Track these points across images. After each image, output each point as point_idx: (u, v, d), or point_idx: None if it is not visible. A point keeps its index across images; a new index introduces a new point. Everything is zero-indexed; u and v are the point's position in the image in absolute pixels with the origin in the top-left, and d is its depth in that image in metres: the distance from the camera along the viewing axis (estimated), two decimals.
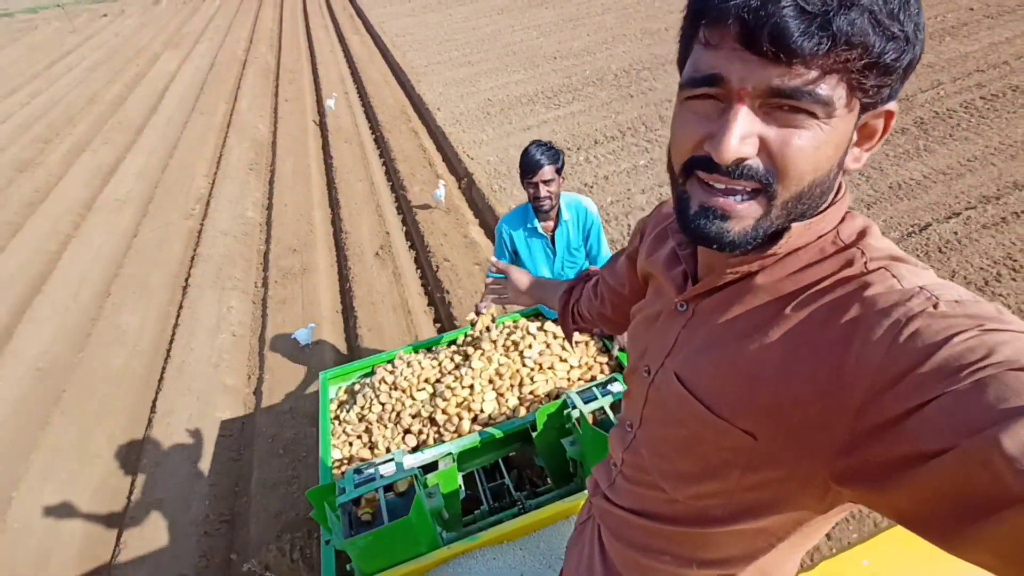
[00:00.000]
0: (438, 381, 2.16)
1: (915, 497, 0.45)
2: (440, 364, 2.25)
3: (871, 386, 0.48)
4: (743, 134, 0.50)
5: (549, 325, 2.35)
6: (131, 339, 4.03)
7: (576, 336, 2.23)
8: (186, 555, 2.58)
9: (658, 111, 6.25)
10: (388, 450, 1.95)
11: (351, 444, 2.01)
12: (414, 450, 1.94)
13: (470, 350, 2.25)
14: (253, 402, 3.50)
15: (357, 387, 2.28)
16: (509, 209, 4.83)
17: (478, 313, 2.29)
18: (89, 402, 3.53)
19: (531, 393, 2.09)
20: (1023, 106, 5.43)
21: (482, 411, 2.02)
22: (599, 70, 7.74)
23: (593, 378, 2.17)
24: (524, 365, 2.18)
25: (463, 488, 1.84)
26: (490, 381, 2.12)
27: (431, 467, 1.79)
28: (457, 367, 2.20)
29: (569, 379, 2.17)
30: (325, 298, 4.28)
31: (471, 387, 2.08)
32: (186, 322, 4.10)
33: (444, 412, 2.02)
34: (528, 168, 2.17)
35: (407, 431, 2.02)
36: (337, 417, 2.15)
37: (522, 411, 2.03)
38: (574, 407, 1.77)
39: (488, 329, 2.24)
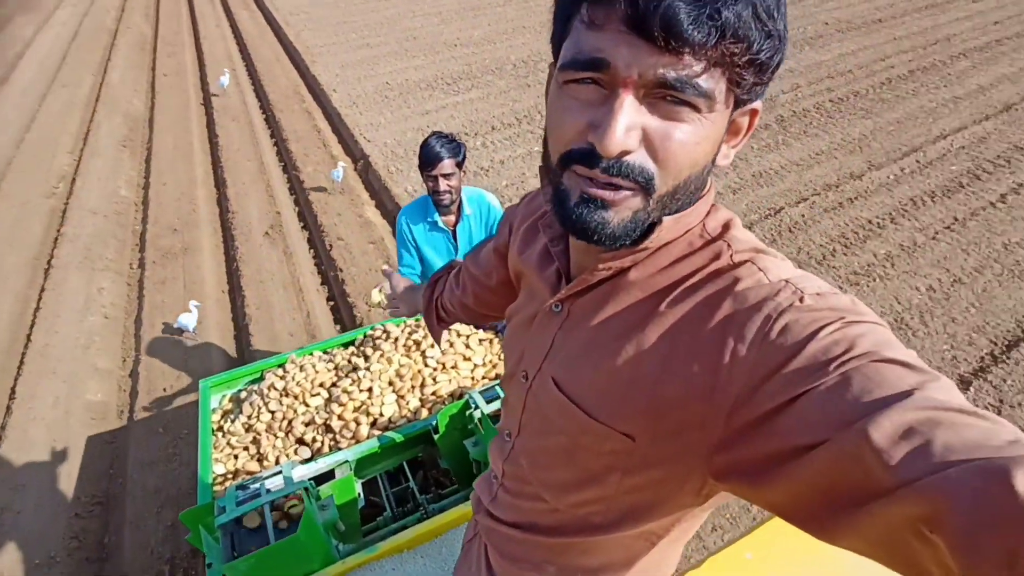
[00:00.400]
0: (334, 385, 2.06)
1: (789, 491, 0.45)
2: (336, 367, 2.14)
3: (746, 383, 0.48)
4: (628, 125, 0.48)
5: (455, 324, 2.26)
6: None
7: (480, 334, 2.24)
8: (55, 538, 2.43)
9: None
10: (278, 461, 1.83)
11: (236, 457, 1.87)
12: (308, 460, 1.82)
13: (369, 351, 2.15)
14: (129, 384, 3.31)
15: (243, 395, 2.12)
16: (406, 192, 4.88)
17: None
18: None
19: (433, 394, 2.01)
20: (862, 109, 6.22)
21: (381, 415, 1.94)
22: (498, 59, 7.90)
23: (497, 376, 2.12)
24: (426, 365, 2.10)
25: (362, 496, 1.74)
26: (390, 383, 2.03)
27: (327, 476, 1.68)
28: (355, 369, 2.09)
29: (473, 378, 2.10)
30: (210, 278, 4.10)
31: (369, 390, 1.99)
32: (49, 304, 3.79)
33: (340, 418, 1.92)
34: (427, 160, 2.08)
35: (300, 440, 1.90)
36: (220, 428, 2.00)
37: (424, 413, 1.97)
38: (476, 407, 1.72)
39: (387, 296, 2.11)
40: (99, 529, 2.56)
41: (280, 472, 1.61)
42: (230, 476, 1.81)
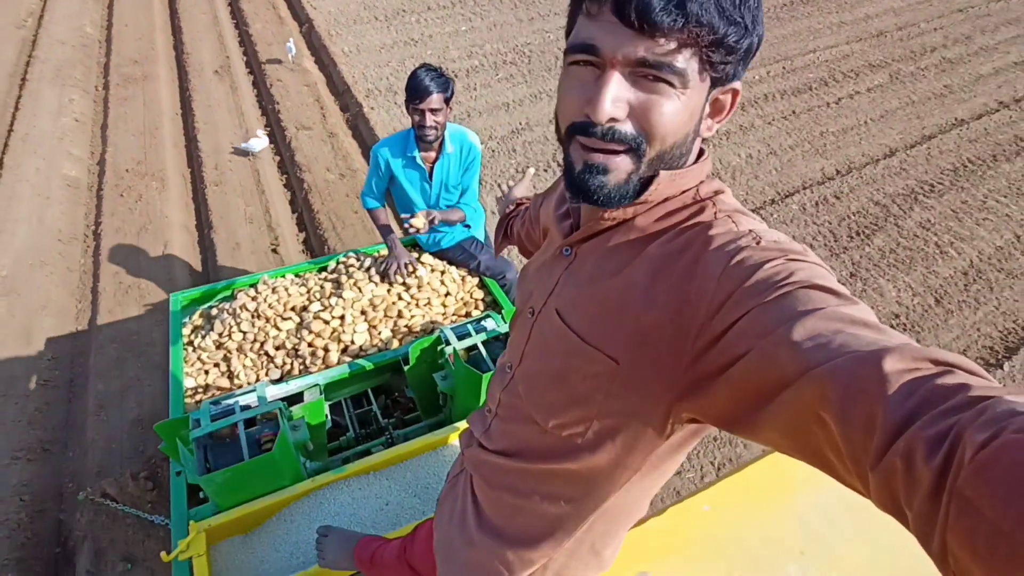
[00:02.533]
0: (304, 309, 2.09)
1: (729, 396, 0.55)
2: (308, 291, 2.17)
3: (708, 310, 0.57)
4: (614, 97, 0.58)
5: (427, 257, 2.33)
6: None
7: (454, 272, 2.34)
8: (47, 245, 3.35)
9: None
10: (249, 382, 1.89)
11: (207, 372, 1.91)
12: (278, 381, 1.88)
13: (343, 278, 2.19)
14: (97, 169, 4.16)
15: (215, 312, 2.15)
16: (342, 51, 5.61)
17: (414, 216, 2.13)
18: None
19: (406, 326, 2.07)
20: None
21: (352, 342, 1.98)
22: None
23: (468, 314, 2.18)
24: (400, 298, 2.14)
25: (329, 417, 1.81)
26: (362, 312, 2.08)
27: (296, 398, 1.73)
28: (329, 296, 2.13)
29: (445, 314, 2.16)
30: (166, 100, 4.88)
31: (342, 318, 2.03)
32: (27, 106, 4.53)
33: (311, 344, 1.96)
34: (415, 93, 2.02)
35: (271, 361, 1.95)
36: (191, 343, 2.04)
37: (395, 343, 2.01)
38: (448, 343, 1.77)
39: (433, 222, 2.13)
40: (81, 266, 3.49)
41: (254, 391, 1.65)
42: (200, 390, 1.86)
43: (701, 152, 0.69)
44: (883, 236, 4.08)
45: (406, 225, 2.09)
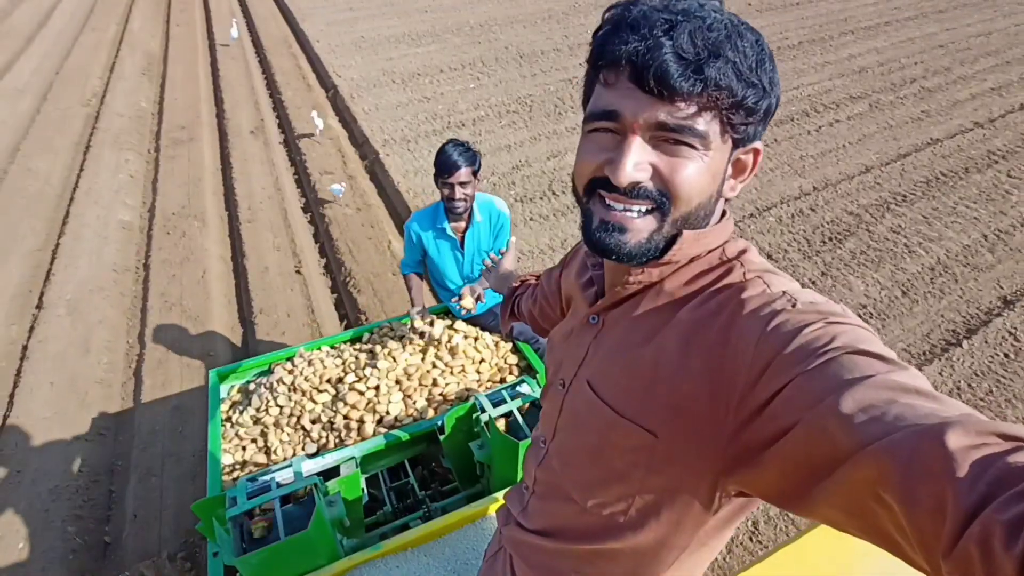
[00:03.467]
0: (340, 381, 2.11)
1: (778, 469, 0.52)
2: (344, 363, 2.20)
3: (747, 377, 0.55)
4: (636, 161, 0.59)
5: (460, 324, 2.33)
6: (43, 176, 5.11)
7: (487, 338, 2.33)
8: (102, 275, 3.89)
9: (495, 54, 7.91)
10: (285, 457, 1.88)
11: (244, 448, 1.92)
12: (314, 454, 1.87)
13: (377, 348, 2.22)
14: (148, 215, 4.77)
15: (252, 387, 2.17)
16: (363, 111, 6.30)
17: (462, 298, 2.19)
18: (12, 208, 4.64)
19: (440, 394, 2.06)
20: None
21: (388, 413, 1.98)
22: (459, 22, 9.30)
23: (503, 380, 2.16)
24: (434, 366, 2.15)
25: (365, 490, 1.77)
26: (397, 382, 2.08)
27: (332, 472, 1.71)
28: (364, 367, 2.14)
29: (479, 380, 2.14)
30: (208, 158, 5.56)
31: (376, 388, 2.04)
32: (90, 166, 5.24)
33: (346, 417, 1.97)
34: (444, 169, 2.11)
35: (307, 435, 1.95)
36: (229, 419, 2.05)
37: (430, 412, 2.00)
38: (483, 410, 1.74)
39: (479, 299, 2.19)
40: (135, 288, 4.02)
41: (290, 466, 1.63)
42: (238, 467, 1.86)
43: (723, 213, 0.70)
44: (854, 240, 4.36)
45: (457, 308, 2.19)
